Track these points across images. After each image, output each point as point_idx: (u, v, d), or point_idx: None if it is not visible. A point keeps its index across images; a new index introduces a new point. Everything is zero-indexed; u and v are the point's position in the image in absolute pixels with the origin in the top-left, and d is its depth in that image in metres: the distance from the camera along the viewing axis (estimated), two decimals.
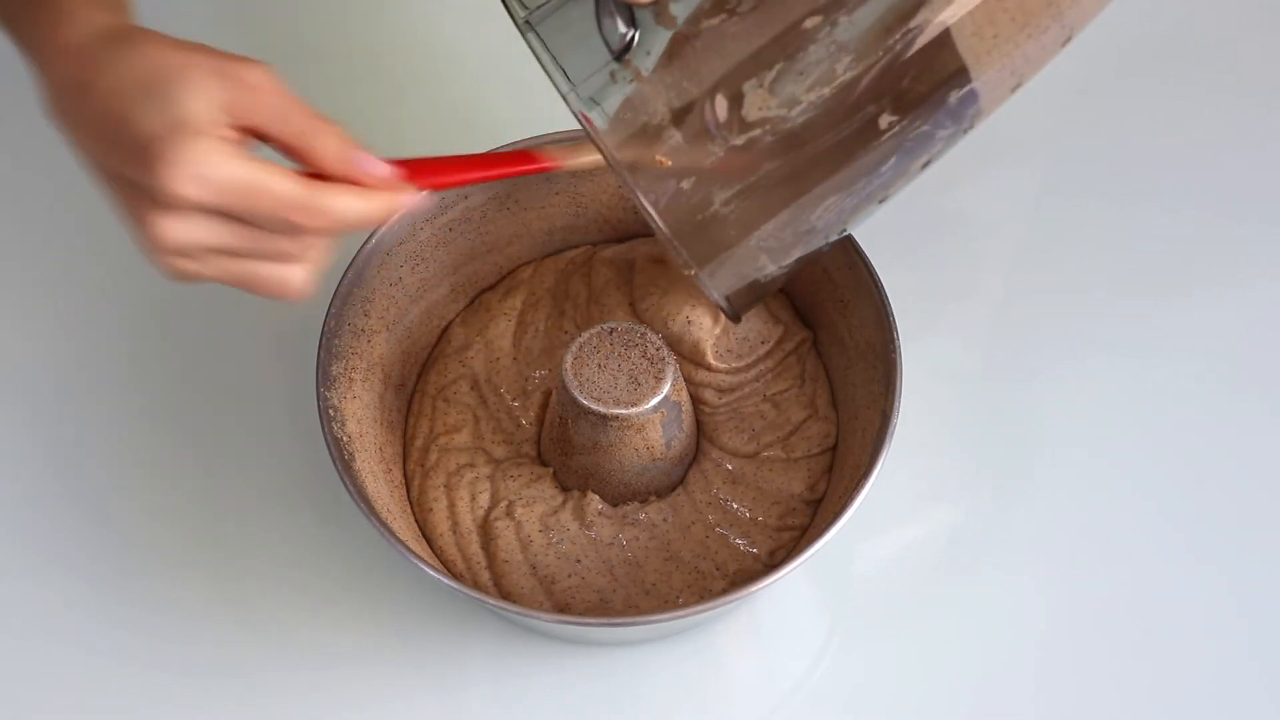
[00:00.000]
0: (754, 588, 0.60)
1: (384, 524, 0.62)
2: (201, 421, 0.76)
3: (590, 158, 0.60)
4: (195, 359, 0.79)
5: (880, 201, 0.57)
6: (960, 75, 0.53)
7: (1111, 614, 0.70)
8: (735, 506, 0.69)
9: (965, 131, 0.56)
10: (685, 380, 0.70)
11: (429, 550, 0.68)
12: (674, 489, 0.70)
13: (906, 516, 0.72)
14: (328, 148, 0.50)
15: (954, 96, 0.53)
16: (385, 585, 0.71)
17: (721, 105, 0.51)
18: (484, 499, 0.69)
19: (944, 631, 0.69)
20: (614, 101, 0.52)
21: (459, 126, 0.85)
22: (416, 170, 0.54)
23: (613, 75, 0.52)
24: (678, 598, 0.67)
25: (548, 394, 0.72)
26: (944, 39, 0.52)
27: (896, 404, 0.63)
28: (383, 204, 0.51)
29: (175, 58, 0.49)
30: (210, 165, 0.47)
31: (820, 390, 0.72)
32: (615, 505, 0.69)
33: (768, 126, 0.51)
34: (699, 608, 0.60)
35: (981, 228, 0.82)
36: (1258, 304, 0.79)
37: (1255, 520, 0.72)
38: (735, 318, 0.61)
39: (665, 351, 0.66)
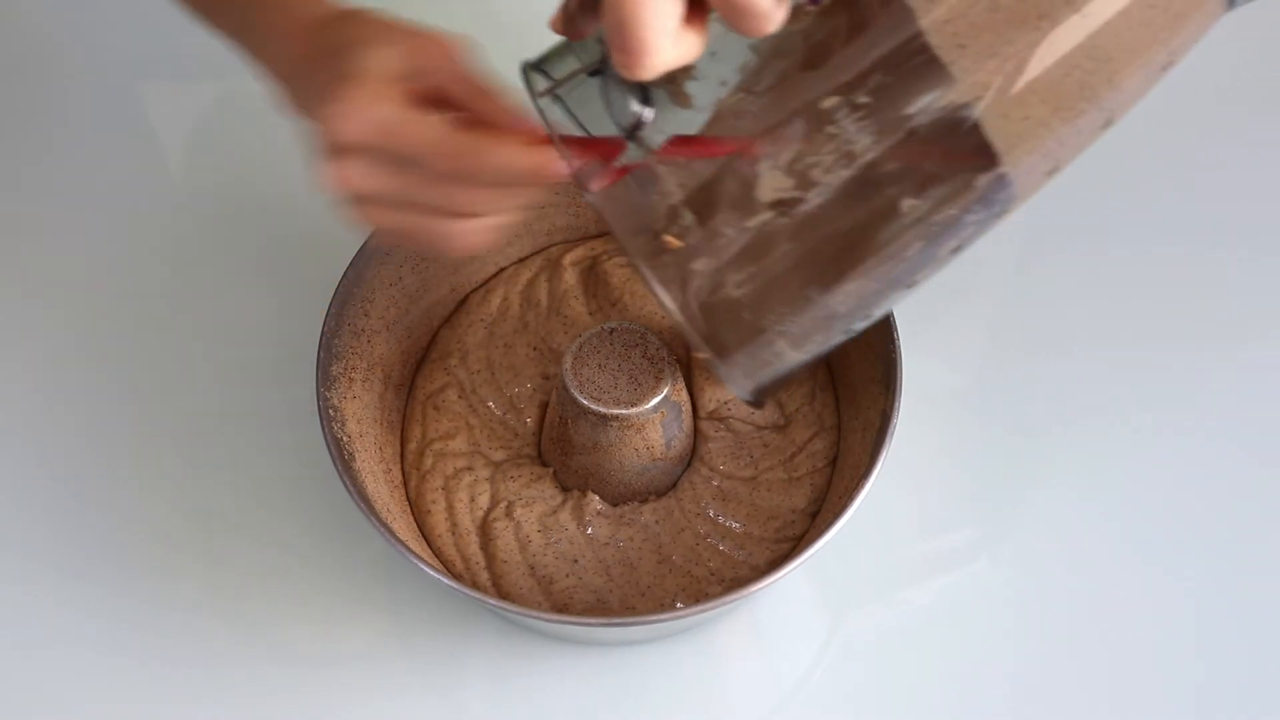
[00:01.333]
0: (754, 588, 0.60)
1: (384, 524, 0.62)
2: (201, 421, 0.76)
3: None
4: (195, 359, 0.79)
5: (908, 288, 0.54)
6: (987, 158, 0.50)
7: (1112, 615, 0.70)
8: (725, 521, 0.69)
9: (998, 216, 0.53)
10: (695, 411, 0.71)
11: (429, 550, 0.68)
12: (673, 489, 0.70)
13: (907, 516, 0.72)
14: (500, 107, 0.51)
15: (981, 181, 0.50)
16: (385, 585, 0.71)
17: (736, 185, 0.49)
18: (483, 500, 0.69)
19: (944, 631, 0.69)
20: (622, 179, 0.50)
21: None
22: (574, 142, 0.52)
23: (623, 155, 0.50)
24: (673, 600, 0.67)
25: (549, 392, 0.72)
26: (969, 123, 0.49)
27: (896, 404, 0.63)
28: (546, 160, 0.50)
29: (377, 27, 0.52)
30: (370, 107, 0.49)
31: (828, 401, 0.72)
32: (615, 505, 0.69)
33: (783, 208, 0.49)
34: (699, 608, 0.60)
35: None
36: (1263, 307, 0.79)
37: (1251, 535, 0.72)
38: (756, 404, 0.57)
39: (665, 351, 0.66)
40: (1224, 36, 0.60)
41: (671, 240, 0.49)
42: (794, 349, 0.53)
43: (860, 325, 0.54)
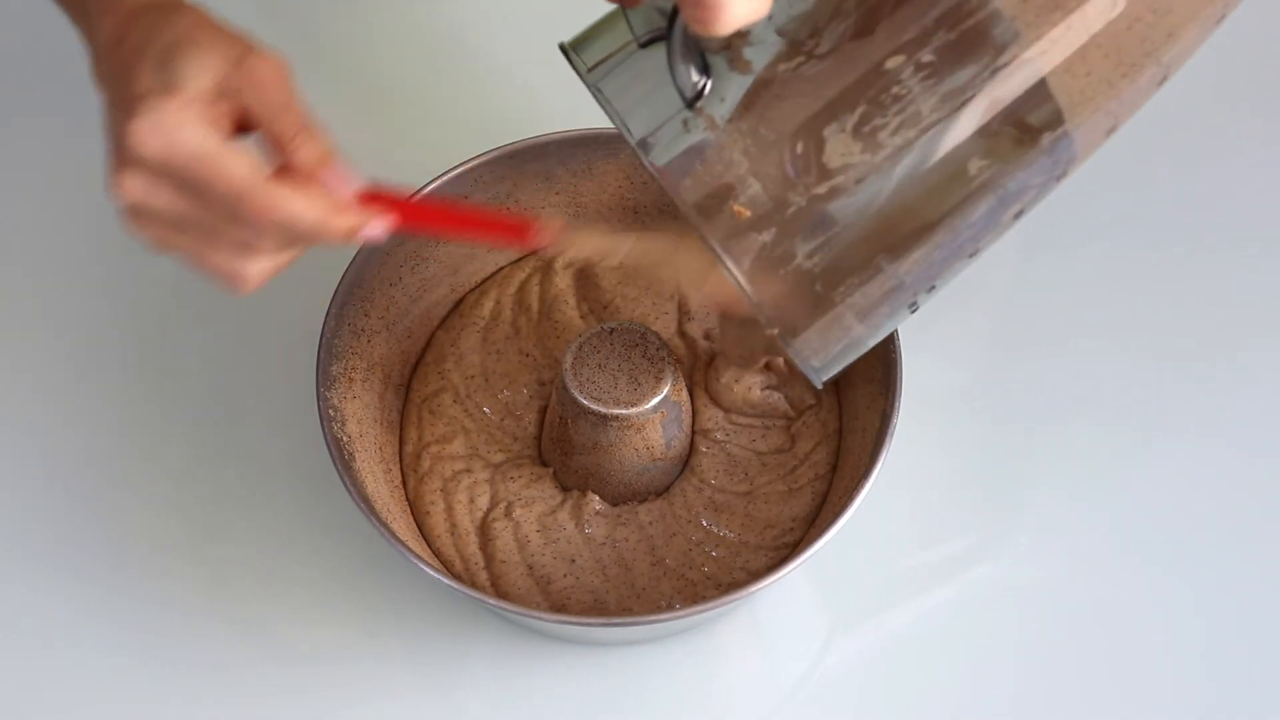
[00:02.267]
0: (754, 588, 0.60)
1: (384, 524, 0.62)
2: (201, 421, 0.76)
3: (589, 245, 0.58)
4: (195, 359, 0.79)
5: (970, 255, 0.53)
6: (1053, 117, 0.50)
7: (1112, 615, 0.70)
8: (718, 530, 0.68)
9: (1059, 179, 0.53)
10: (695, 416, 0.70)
11: (428, 550, 0.68)
12: (666, 492, 0.70)
13: (907, 516, 0.72)
14: (308, 149, 0.50)
15: (1046, 139, 0.50)
16: (385, 585, 0.71)
17: (802, 152, 0.48)
18: (483, 501, 0.69)
19: (944, 632, 0.69)
20: (685, 149, 0.49)
21: (455, 125, 0.85)
22: (392, 205, 0.52)
23: (685, 124, 0.49)
24: (669, 603, 0.67)
25: (547, 396, 0.72)
26: (1036, 79, 0.49)
27: (896, 404, 0.63)
28: (338, 224, 0.50)
29: (199, 32, 0.49)
30: (175, 128, 0.47)
31: (832, 406, 0.72)
32: (616, 505, 0.69)
33: (851, 173, 0.49)
34: (699, 608, 0.60)
35: None
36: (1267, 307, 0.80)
37: (1258, 536, 0.72)
38: (821, 384, 0.56)
39: (665, 351, 0.66)
40: (1224, 37, 0.60)
41: (740, 210, 0.48)
42: (862, 323, 0.52)
43: (924, 299, 0.54)
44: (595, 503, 0.68)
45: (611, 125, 0.51)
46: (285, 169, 0.50)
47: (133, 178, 0.48)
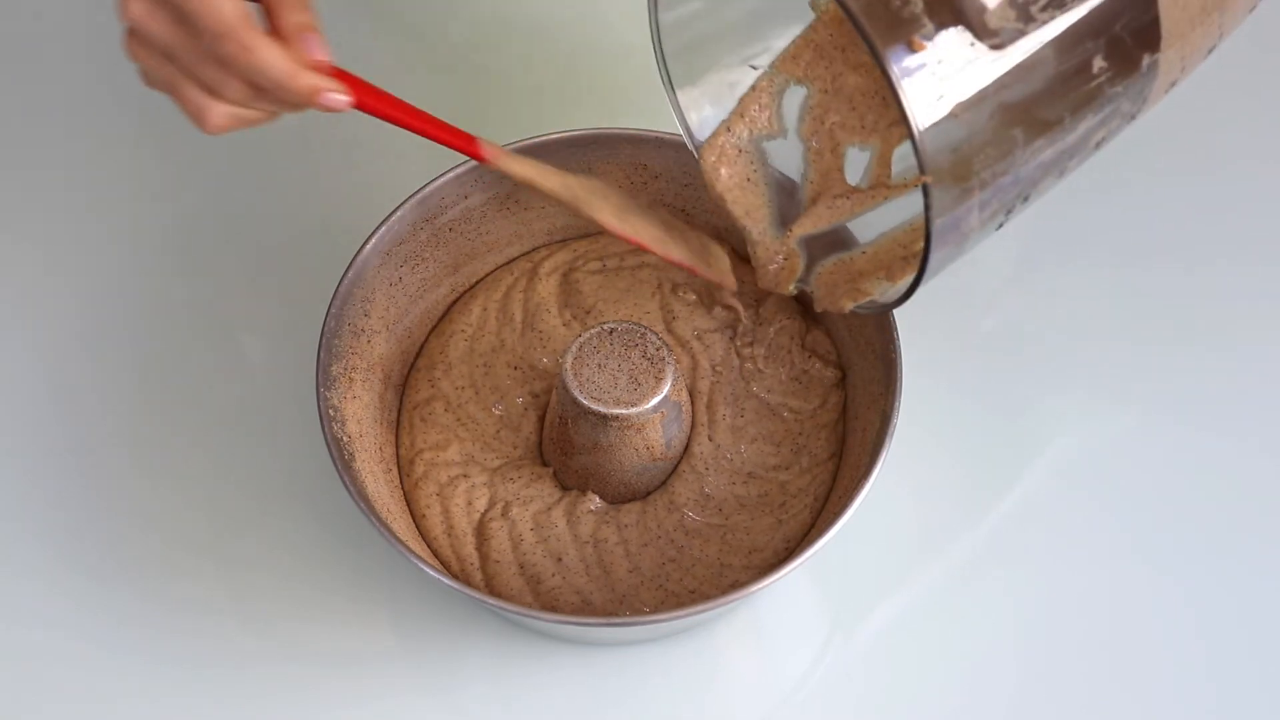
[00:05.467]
0: (754, 588, 0.60)
1: (384, 524, 0.62)
2: (201, 421, 0.76)
3: (522, 168, 0.64)
4: (195, 359, 0.79)
5: (1060, 174, 0.58)
6: (1154, 40, 0.56)
7: (1113, 615, 0.70)
8: (694, 551, 0.68)
9: (1131, 119, 0.59)
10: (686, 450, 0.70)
11: (428, 551, 0.68)
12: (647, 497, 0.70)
13: (907, 516, 0.72)
14: (296, 15, 0.54)
15: (1145, 61, 0.56)
16: (385, 585, 0.71)
17: (973, 5, 0.53)
18: (481, 503, 0.69)
19: (944, 632, 0.69)
20: None
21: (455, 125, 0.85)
22: (356, 84, 0.57)
23: None
24: (647, 608, 0.66)
25: (547, 397, 0.72)
26: None
27: (896, 404, 0.63)
28: (303, 80, 0.53)
29: None
30: None
31: (834, 405, 0.72)
32: (616, 505, 0.69)
33: (1004, 38, 0.53)
34: (699, 608, 0.60)
35: None
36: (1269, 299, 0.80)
37: (1251, 529, 0.72)
38: (910, 292, 0.59)
39: (665, 351, 0.66)
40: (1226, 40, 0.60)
41: (918, 42, 0.52)
42: (978, 210, 0.56)
43: (1018, 210, 0.58)
44: (590, 501, 0.68)
45: (612, 126, 0.52)
46: (273, 31, 0.54)
47: (137, 1, 0.52)
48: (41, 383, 0.78)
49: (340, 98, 0.55)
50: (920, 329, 0.69)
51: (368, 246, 0.69)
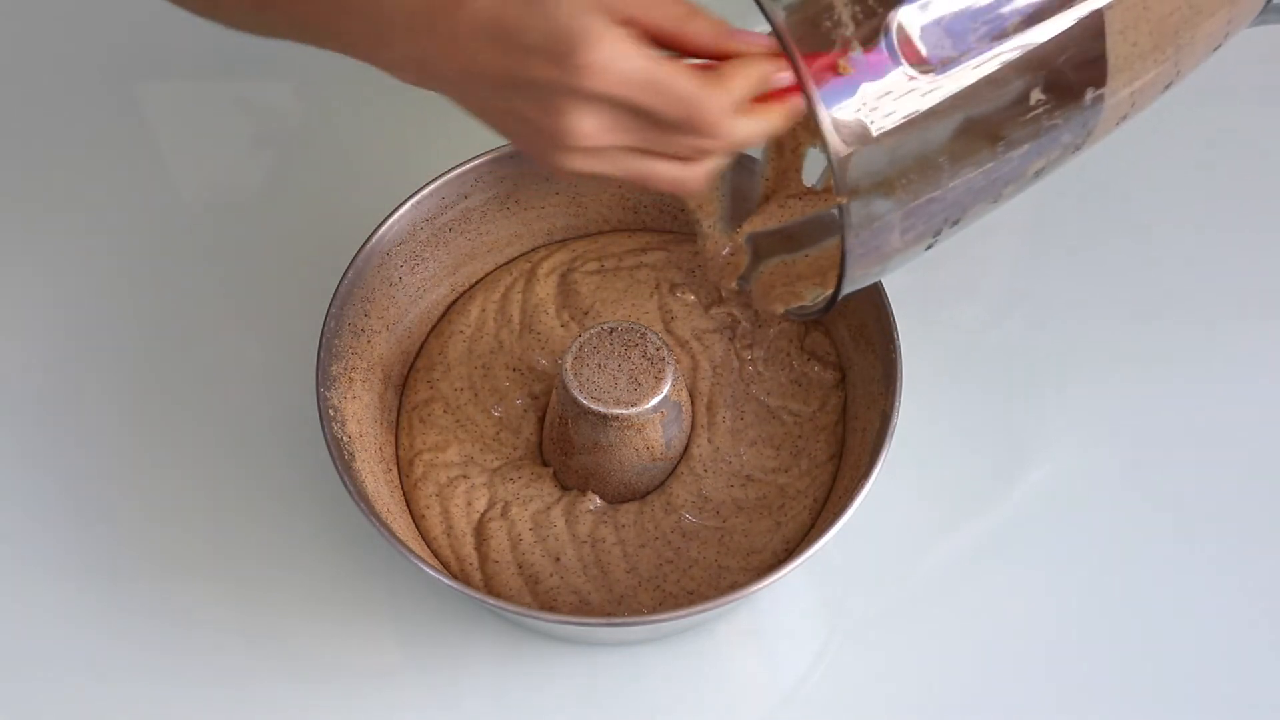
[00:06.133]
0: (754, 588, 0.60)
1: (384, 524, 0.62)
2: (201, 421, 0.76)
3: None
4: (195, 359, 0.79)
5: (994, 200, 0.58)
6: (1099, 75, 0.55)
7: (1113, 615, 0.70)
8: (691, 552, 0.68)
9: (1075, 150, 0.58)
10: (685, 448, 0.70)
11: (428, 551, 0.68)
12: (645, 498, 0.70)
13: (907, 516, 0.72)
14: (702, 29, 0.51)
15: (1089, 95, 0.56)
16: (385, 585, 0.71)
17: (904, 29, 0.52)
18: (480, 503, 0.69)
19: (944, 631, 0.69)
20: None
21: (457, 125, 0.85)
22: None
23: None
24: (645, 608, 0.66)
25: (546, 398, 0.72)
26: (1098, 27, 0.54)
27: (896, 404, 0.63)
28: (779, 113, 0.51)
29: None
30: (622, 57, 0.48)
31: (838, 425, 0.71)
32: (615, 505, 0.69)
33: (935, 66, 0.52)
34: (699, 608, 0.60)
35: (982, 227, 0.82)
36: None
37: (1257, 520, 0.72)
38: (830, 303, 0.58)
39: (665, 351, 0.66)
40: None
41: (845, 66, 0.51)
42: (899, 227, 0.55)
43: (946, 233, 0.58)
44: (589, 501, 0.68)
45: None
46: (693, 53, 0.51)
47: (588, 116, 0.49)
48: (40, 383, 0.78)
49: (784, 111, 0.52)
50: (921, 329, 0.69)
51: (368, 246, 0.69)
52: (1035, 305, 0.80)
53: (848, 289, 0.56)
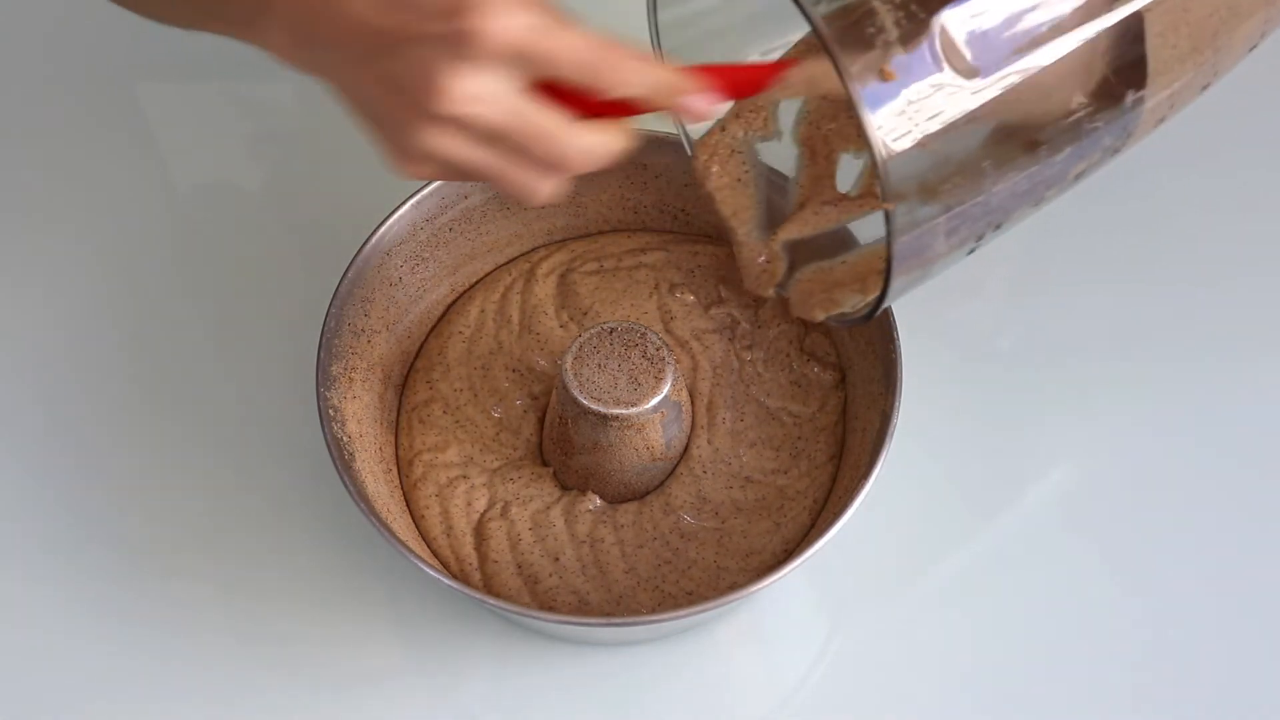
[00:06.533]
0: (754, 588, 0.60)
1: (384, 524, 0.62)
2: (201, 422, 0.76)
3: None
4: (195, 359, 0.79)
5: (1036, 203, 0.58)
6: (1140, 78, 0.56)
7: (1113, 616, 0.70)
8: (690, 553, 0.68)
9: (1115, 153, 0.58)
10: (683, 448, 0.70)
11: (428, 551, 0.68)
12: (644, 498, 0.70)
13: (907, 516, 0.72)
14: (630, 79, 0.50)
15: (1129, 98, 0.56)
16: (385, 585, 0.71)
17: (947, 34, 0.51)
18: (480, 504, 0.69)
19: (944, 632, 0.69)
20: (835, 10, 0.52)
21: None
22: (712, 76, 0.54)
23: None
24: (645, 608, 0.66)
25: (545, 399, 0.72)
26: (1138, 31, 0.54)
27: (896, 404, 0.63)
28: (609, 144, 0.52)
29: None
30: (512, 15, 0.47)
31: (835, 408, 0.71)
32: (615, 505, 0.69)
33: (979, 71, 0.52)
34: (699, 608, 0.60)
35: None
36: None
37: (1252, 547, 0.72)
38: (874, 310, 0.58)
39: (665, 351, 0.66)
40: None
41: (889, 72, 0.51)
42: (944, 233, 0.55)
43: (989, 237, 0.57)
44: (589, 501, 0.68)
45: None
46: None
47: (470, 78, 0.47)
48: (40, 383, 0.78)
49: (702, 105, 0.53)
50: (921, 329, 0.69)
51: (368, 246, 0.69)
52: (1038, 305, 0.80)
53: (893, 296, 0.56)
